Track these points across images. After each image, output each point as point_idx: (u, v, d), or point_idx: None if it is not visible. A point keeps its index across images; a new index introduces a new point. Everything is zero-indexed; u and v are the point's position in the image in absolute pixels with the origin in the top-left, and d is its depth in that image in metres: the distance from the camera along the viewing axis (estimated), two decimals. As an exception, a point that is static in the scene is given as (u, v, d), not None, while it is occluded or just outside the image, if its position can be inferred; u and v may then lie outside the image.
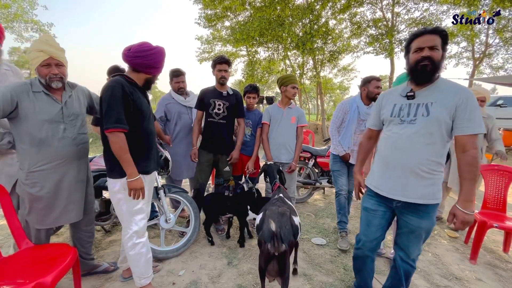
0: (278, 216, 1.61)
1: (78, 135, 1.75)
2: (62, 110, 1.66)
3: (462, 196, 1.30)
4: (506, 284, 2.13)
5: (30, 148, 1.58)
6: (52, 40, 1.61)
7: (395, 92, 1.53)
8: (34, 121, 1.56)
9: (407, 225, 1.48)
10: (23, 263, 1.50)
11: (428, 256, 2.48)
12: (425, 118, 1.35)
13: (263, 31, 9.72)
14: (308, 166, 3.80)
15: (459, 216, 1.29)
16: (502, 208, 2.64)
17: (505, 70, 12.63)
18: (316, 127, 11.69)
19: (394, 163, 1.45)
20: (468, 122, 1.28)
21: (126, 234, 1.71)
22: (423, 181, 1.38)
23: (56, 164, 1.65)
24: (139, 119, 1.67)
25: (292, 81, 2.67)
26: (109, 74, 2.81)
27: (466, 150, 1.30)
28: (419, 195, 1.40)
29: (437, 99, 1.34)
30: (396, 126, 1.46)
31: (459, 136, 1.32)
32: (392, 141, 1.46)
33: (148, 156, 1.76)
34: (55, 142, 1.63)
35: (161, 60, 1.71)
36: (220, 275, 2.11)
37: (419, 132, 1.36)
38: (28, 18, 13.08)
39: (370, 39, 10.64)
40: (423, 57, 1.32)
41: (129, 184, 1.60)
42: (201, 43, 15.11)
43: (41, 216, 1.67)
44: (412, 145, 1.38)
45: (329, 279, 2.10)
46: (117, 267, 2.14)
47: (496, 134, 2.84)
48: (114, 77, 1.62)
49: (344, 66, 17.22)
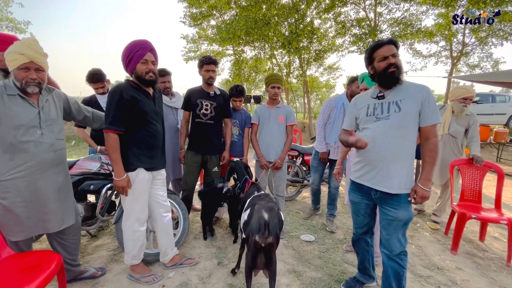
0: (268, 210, 1.66)
1: (56, 141, 1.68)
2: (40, 114, 1.60)
3: (423, 176, 1.52)
4: (483, 271, 2.25)
5: (2, 154, 1.49)
6: (35, 45, 1.56)
7: (366, 96, 1.72)
8: (7, 125, 1.48)
9: (386, 216, 1.61)
10: (4, 272, 1.44)
11: (412, 248, 2.59)
12: (398, 114, 1.53)
13: (249, 30, 9.73)
14: (296, 164, 3.85)
15: (418, 192, 1.51)
16: (478, 199, 2.79)
17: (481, 68, 13.22)
18: (303, 125, 11.82)
19: (373, 156, 1.61)
20: (432, 114, 1.49)
21: (128, 220, 1.91)
22: (397, 171, 1.54)
23: (31, 171, 1.56)
24: (142, 120, 1.83)
25: (272, 81, 2.67)
26: (87, 80, 2.75)
27: (429, 138, 1.52)
28: (395, 185, 1.54)
29: (405, 96, 1.52)
30: (373, 124, 1.62)
31: (423, 127, 1.52)
32: (370, 137, 1.60)
33: (153, 154, 1.92)
34: (31, 148, 1.54)
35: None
36: (210, 275, 2.11)
37: (393, 126, 1.53)
38: (2, 16, 12.46)
39: (354, 38, 10.84)
40: (390, 64, 1.50)
41: (115, 181, 1.78)
42: (186, 42, 14.90)
43: (15, 227, 1.57)
44: (387, 138, 1.55)
45: (318, 274, 2.14)
46: (104, 272, 2.10)
47: (473, 132, 2.89)
48: (120, 83, 1.80)
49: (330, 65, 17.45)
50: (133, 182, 1.85)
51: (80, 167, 2.38)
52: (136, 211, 1.91)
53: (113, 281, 2.03)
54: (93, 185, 2.34)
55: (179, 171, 3.00)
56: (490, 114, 10.07)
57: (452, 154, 3.00)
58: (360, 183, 1.72)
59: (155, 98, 1.94)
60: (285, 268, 2.22)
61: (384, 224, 1.62)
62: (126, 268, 2.12)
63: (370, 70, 1.64)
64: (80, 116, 1.97)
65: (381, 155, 1.56)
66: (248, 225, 1.69)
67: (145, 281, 1.99)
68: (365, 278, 1.97)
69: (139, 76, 1.80)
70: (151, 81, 1.84)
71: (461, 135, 2.97)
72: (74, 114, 1.91)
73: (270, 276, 1.60)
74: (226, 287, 1.97)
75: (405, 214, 1.54)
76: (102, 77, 2.77)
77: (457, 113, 2.94)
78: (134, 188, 1.85)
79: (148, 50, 1.80)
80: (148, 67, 1.80)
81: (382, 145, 1.56)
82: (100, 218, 2.38)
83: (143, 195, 1.92)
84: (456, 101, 2.92)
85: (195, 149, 2.65)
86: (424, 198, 1.51)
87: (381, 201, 1.63)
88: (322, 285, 2.00)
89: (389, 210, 1.58)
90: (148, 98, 1.87)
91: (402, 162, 1.54)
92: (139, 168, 1.86)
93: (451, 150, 3.02)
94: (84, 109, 1.99)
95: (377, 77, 1.60)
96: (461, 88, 2.94)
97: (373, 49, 1.58)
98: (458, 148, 3.01)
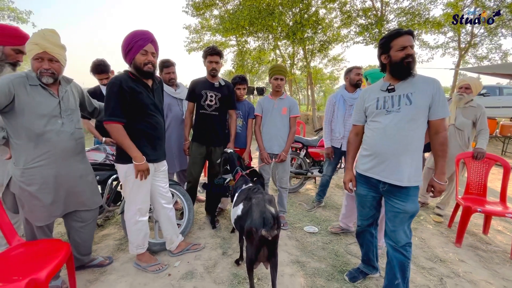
0: (268, 203, 1.65)
1: (76, 130, 1.74)
2: (60, 104, 1.64)
3: (438, 170, 1.56)
4: (486, 264, 2.26)
5: (27, 143, 1.54)
6: (51, 35, 1.57)
7: (375, 88, 1.69)
8: (31, 115, 1.52)
9: (392, 209, 1.61)
10: (16, 259, 1.48)
11: (415, 241, 2.60)
12: (408, 107, 1.51)
13: (253, 20, 9.55)
14: (299, 156, 3.85)
15: (436, 187, 1.56)
16: (483, 193, 2.78)
17: (489, 60, 12.94)
18: (306, 117, 11.76)
19: (384, 149, 1.60)
20: (441, 108, 1.48)
21: (130, 211, 1.93)
22: (408, 164, 1.54)
23: (55, 159, 1.62)
24: (141, 112, 1.82)
25: (275, 72, 2.65)
26: (91, 71, 2.75)
27: (439, 132, 1.52)
28: (405, 178, 1.54)
29: (415, 89, 1.51)
30: (383, 117, 1.60)
31: (433, 121, 1.52)
32: (380, 130, 1.61)
33: (154, 145, 1.93)
34: (53, 136, 1.59)
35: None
36: (215, 265, 2.14)
37: (404, 119, 1.52)
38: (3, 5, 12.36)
39: (360, 28, 10.61)
40: (408, 54, 1.48)
41: (135, 167, 1.82)
42: (189, 32, 14.66)
43: (40, 213, 1.64)
44: (399, 131, 1.54)
45: (321, 265, 2.17)
46: (112, 261, 2.15)
47: (481, 124, 2.86)
48: (118, 74, 1.79)
49: (334, 56, 17.18)
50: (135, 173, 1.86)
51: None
52: (138, 202, 1.93)
53: (120, 269, 2.07)
54: (99, 175, 2.37)
55: (185, 162, 3.01)
56: (497, 107, 9.89)
57: (458, 147, 2.97)
58: (368, 176, 1.71)
59: (153, 90, 1.93)
60: (289, 258, 2.25)
61: (390, 216, 1.62)
62: (133, 257, 2.16)
63: (384, 59, 1.60)
64: (91, 108, 2.02)
65: (392, 148, 1.55)
66: (243, 220, 1.67)
67: (152, 269, 2.03)
68: (369, 269, 1.99)
69: (137, 66, 1.78)
70: (149, 72, 1.81)
71: (468, 127, 2.93)
72: (86, 106, 1.97)
73: (272, 267, 1.60)
74: (230, 276, 2.01)
75: (412, 206, 1.55)
76: (107, 68, 2.76)
77: (455, 103, 2.95)
78: (136, 179, 1.87)
79: (149, 41, 1.78)
80: (148, 58, 1.78)
81: (393, 138, 1.55)
82: (107, 208, 2.42)
83: (145, 187, 1.93)
84: (455, 92, 2.98)
85: (199, 140, 2.65)
86: (440, 191, 1.56)
87: (388, 194, 1.63)
88: (326, 276, 2.03)
89: (396, 203, 1.58)
90: (147, 90, 1.87)
91: (412, 155, 1.54)
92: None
93: (456, 143, 2.99)
94: (93, 101, 2.04)
95: (391, 67, 1.57)
96: (461, 80, 2.99)
97: (391, 38, 1.53)
98: (464, 141, 2.97)
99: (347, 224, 2.65)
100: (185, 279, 1.97)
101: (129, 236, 2.02)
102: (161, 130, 2.00)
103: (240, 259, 2.15)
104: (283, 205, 2.89)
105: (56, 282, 1.80)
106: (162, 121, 2.01)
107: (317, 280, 1.99)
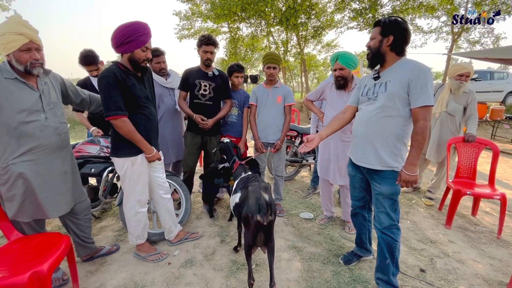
0: (263, 190, 1.69)
1: (60, 124, 1.66)
2: (41, 98, 1.55)
3: (407, 160, 1.52)
4: (474, 244, 2.37)
5: (8, 139, 1.46)
6: (27, 22, 1.47)
7: (369, 76, 1.74)
8: (10, 110, 1.44)
9: (374, 191, 1.70)
10: (16, 253, 1.48)
11: (407, 223, 2.69)
12: (383, 94, 1.55)
13: (245, 5, 9.33)
14: (294, 144, 3.87)
15: (402, 177, 1.53)
16: (472, 176, 2.87)
17: (481, 44, 13.00)
18: (301, 105, 11.72)
19: (360, 134, 1.70)
20: (419, 96, 1.43)
21: (129, 202, 1.95)
22: (379, 149, 1.59)
23: (39, 155, 1.55)
24: (134, 104, 1.80)
25: (268, 60, 2.60)
26: (80, 62, 2.66)
27: (416, 121, 1.48)
28: (374, 161, 1.61)
29: (394, 77, 1.52)
30: (364, 104, 1.69)
31: (412, 109, 1.48)
32: (359, 116, 1.72)
33: (148, 137, 1.91)
34: (36, 132, 1.52)
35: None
36: (214, 253, 2.19)
37: (378, 106, 1.57)
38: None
39: (354, 13, 10.48)
40: (368, 47, 1.62)
41: (148, 158, 1.90)
42: (179, 19, 14.24)
43: (27, 210, 1.58)
44: (370, 118, 1.61)
45: (317, 249, 2.24)
46: (118, 247, 2.21)
47: (471, 110, 2.90)
48: (108, 67, 1.72)
49: (328, 42, 17.03)
50: (133, 165, 1.86)
51: (80, 150, 2.38)
52: (137, 194, 1.94)
53: (120, 260, 2.10)
54: (94, 168, 2.36)
55: (180, 153, 2.99)
56: (487, 91, 10.02)
57: (450, 133, 3.03)
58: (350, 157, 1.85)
59: (144, 81, 1.91)
60: (285, 244, 2.31)
61: (373, 199, 1.72)
62: (132, 248, 2.19)
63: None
64: (78, 99, 1.93)
65: (363, 133, 1.65)
66: (241, 207, 1.71)
67: (151, 259, 2.06)
68: (362, 251, 2.06)
69: (135, 61, 1.75)
70: (145, 68, 1.85)
71: (459, 113, 2.98)
72: (72, 97, 1.87)
73: (269, 252, 1.66)
74: (229, 263, 2.06)
75: (388, 189, 1.60)
76: (96, 59, 2.67)
77: (454, 90, 2.94)
78: (134, 171, 1.87)
79: (150, 36, 1.77)
80: (147, 55, 1.77)
81: (364, 123, 1.65)
82: (103, 201, 2.42)
83: (143, 178, 1.94)
84: (452, 79, 2.91)
85: (194, 130, 2.64)
86: (407, 182, 1.51)
87: (369, 177, 1.72)
88: (321, 260, 2.10)
89: (375, 185, 1.67)
90: (139, 82, 1.84)
91: (385, 141, 1.57)
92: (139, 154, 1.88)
93: (448, 129, 3.04)
94: (81, 92, 1.94)
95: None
96: (457, 65, 2.93)
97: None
98: (455, 127, 3.03)
99: (330, 211, 2.71)
100: (184, 267, 2.02)
101: (129, 227, 2.04)
102: (155, 121, 1.99)
103: (239, 245, 2.20)
104: (279, 193, 2.93)
105: (57, 274, 1.81)
106: (155, 112, 2.00)
107: (313, 264, 2.05)
